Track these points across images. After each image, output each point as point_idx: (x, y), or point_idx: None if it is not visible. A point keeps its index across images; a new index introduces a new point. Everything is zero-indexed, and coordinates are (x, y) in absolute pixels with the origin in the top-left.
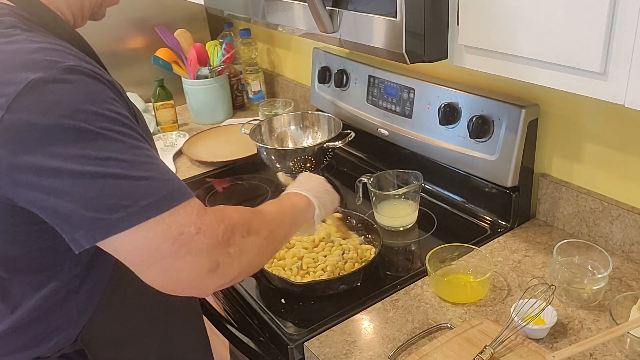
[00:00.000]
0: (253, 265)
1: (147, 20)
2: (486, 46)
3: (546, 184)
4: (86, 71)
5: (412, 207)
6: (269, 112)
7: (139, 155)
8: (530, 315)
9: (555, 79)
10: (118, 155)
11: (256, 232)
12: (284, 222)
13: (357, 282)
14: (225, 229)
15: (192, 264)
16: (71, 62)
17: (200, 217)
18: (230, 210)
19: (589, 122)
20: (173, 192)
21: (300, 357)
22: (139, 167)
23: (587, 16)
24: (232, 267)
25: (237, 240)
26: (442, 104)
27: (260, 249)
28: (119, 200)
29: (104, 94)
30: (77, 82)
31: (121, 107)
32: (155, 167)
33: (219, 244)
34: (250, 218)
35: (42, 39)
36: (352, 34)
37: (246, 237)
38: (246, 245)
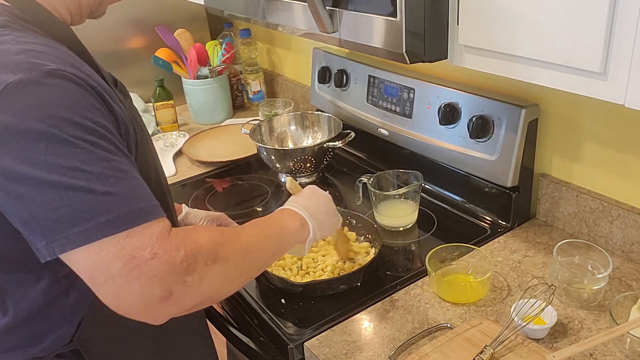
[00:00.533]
0: (217, 295)
1: (147, 20)
2: (486, 46)
3: (546, 184)
4: (68, 76)
5: (412, 207)
6: (269, 112)
7: (106, 169)
8: (530, 315)
9: (555, 79)
10: (85, 167)
11: (224, 260)
12: (265, 247)
13: (357, 282)
14: (186, 256)
15: (141, 289)
16: (53, 66)
17: (159, 241)
18: (198, 234)
19: (589, 122)
20: (135, 211)
21: (300, 357)
22: (104, 181)
23: (587, 16)
24: (188, 296)
25: (199, 268)
26: (442, 104)
27: (227, 277)
28: (79, 214)
29: (82, 101)
30: (55, 86)
31: (101, 115)
32: (122, 183)
33: (174, 272)
34: (220, 243)
35: (31, 40)
36: (352, 34)
37: (210, 266)
38: (209, 273)
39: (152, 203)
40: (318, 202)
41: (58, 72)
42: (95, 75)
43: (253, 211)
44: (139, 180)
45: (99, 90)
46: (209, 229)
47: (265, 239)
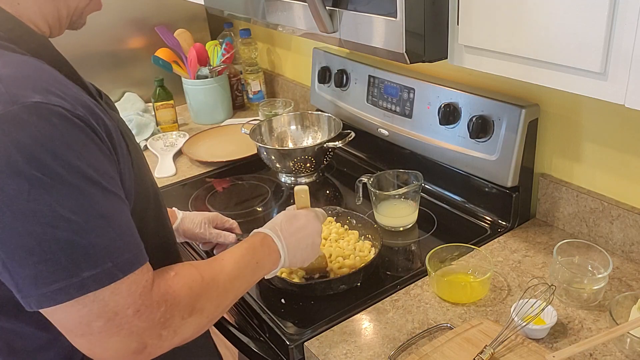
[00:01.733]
0: (185, 342)
1: (147, 20)
2: (486, 46)
3: (546, 184)
4: (54, 109)
5: (412, 207)
6: (269, 112)
7: (92, 216)
8: (530, 315)
9: (555, 79)
10: (70, 215)
11: (200, 311)
12: (238, 289)
13: (357, 282)
14: (165, 312)
15: (118, 343)
16: (37, 98)
17: (142, 297)
18: (179, 284)
19: (589, 122)
20: (119, 264)
21: (300, 357)
22: (90, 231)
23: (587, 16)
24: (161, 348)
25: (175, 323)
26: (442, 104)
27: (199, 327)
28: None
29: (69, 139)
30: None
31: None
32: (108, 230)
33: (152, 327)
34: (198, 293)
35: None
36: (352, 34)
37: (186, 319)
38: (183, 327)
39: (136, 250)
40: (305, 237)
41: (42, 105)
42: (80, 93)
43: (253, 211)
44: (124, 225)
45: (87, 120)
46: (190, 274)
47: (240, 281)
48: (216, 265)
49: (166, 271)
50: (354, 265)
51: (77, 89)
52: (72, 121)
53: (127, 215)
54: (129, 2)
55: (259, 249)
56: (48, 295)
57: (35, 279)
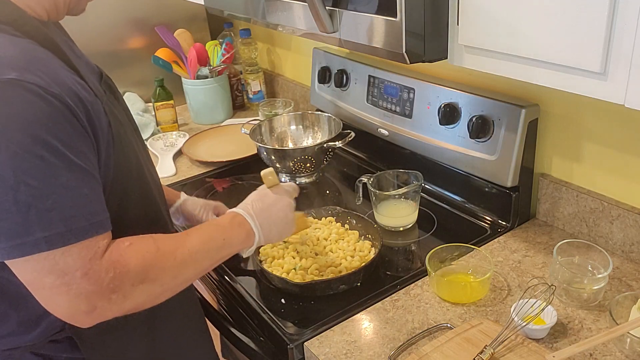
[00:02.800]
0: (141, 308)
1: (147, 20)
2: (486, 46)
3: (546, 184)
4: (28, 86)
5: (412, 207)
6: (269, 112)
7: (52, 185)
8: (530, 315)
9: (555, 79)
10: (31, 182)
11: (152, 280)
12: (199, 263)
13: (357, 282)
14: (114, 277)
15: (68, 302)
16: (13, 75)
17: (92, 261)
18: (131, 253)
19: (589, 122)
20: (73, 230)
21: (300, 357)
22: (47, 197)
23: (587, 16)
24: (111, 311)
25: (124, 288)
26: (442, 104)
27: (151, 295)
28: (17, 228)
29: (37, 114)
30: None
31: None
32: (65, 199)
33: (100, 291)
34: (151, 264)
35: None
36: (352, 34)
37: (137, 286)
38: (134, 293)
39: (94, 220)
40: (277, 212)
41: (16, 81)
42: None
43: None
44: (87, 196)
45: (62, 98)
46: (145, 245)
47: (203, 254)
48: (178, 239)
49: (122, 241)
50: (354, 265)
51: (63, 70)
52: (44, 97)
53: (92, 188)
54: (129, 2)
55: (228, 226)
56: (5, 249)
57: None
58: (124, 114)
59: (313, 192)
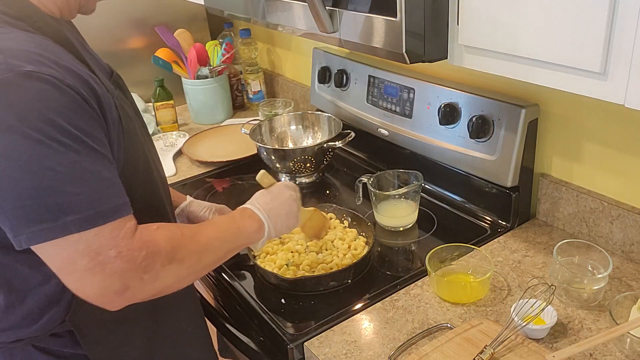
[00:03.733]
0: (169, 290)
1: (147, 20)
2: (486, 46)
3: (546, 184)
4: (44, 77)
5: (412, 207)
6: (269, 112)
7: (76, 170)
8: (530, 315)
9: (555, 79)
10: (56, 167)
11: (180, 261)
12: (220, 248)
13: (347, 280)
14: (146, 256)
15: (102, 282)
16: (30, 67)
17: (124, 240)
18: (160, 235)
19: (589, 122)
20: (101, 212)
21: (300, 357)
22: (73, 182)
23: (587, 16)
24: (142, 291)
25: (156, 268)
26: (442, 104)
27: (179, 277)
28: (46, 212)
29: (55, 102)
30: (30, 88)
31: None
32: (90, 183)
33: (134, 270)
34: (179, 245)
35: (13, 36)
36: (352, 34)
37: (166, 266)
38: (164, 273)
39: (119, 202)
40: (281, 205)
41: (34, 73)
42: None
43: None
44: (109, 180)
45: (77, 89)
46: (171, 228)
47: (221, 242)
48: (196, 228)
49: (150, 225)
50: (345, 263)
51: (76, 63)
52: (60, 88)
53: (113, 172)
54: (129, 2)
55: (239, 218)
56: (35, 233)
57: (25, 220)
58: (133, 111)
59: (313, 192)
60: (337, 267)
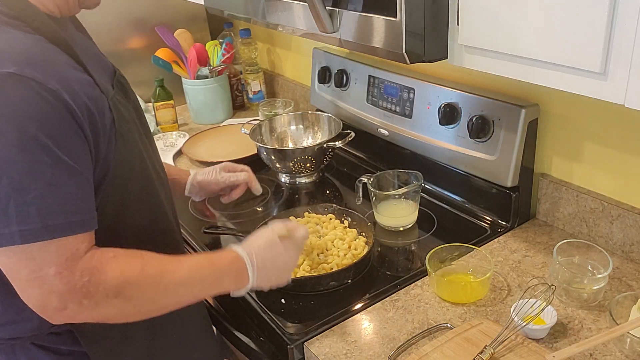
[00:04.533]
0: (113, 321)
1: (147, 20)
2: (486, 46)
3: (546, 184)
4: (25, 80)
5: (412, 207)
6: (269, 112)
7: (35, 180)
8: (530, 315)
9: (555, 79)
10: (13, 175)
11: (127, 298)
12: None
13: (347, 280)
14: (88, 283)
15: (41, 296)
16: (12, 69)
17: (68, 261)
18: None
19: (589, 122)
20: (50, 226)
21: (300, 357)
22: (28, 192)
23: (587, 16)
24: (82, 314)
25: (97, 297)
26: (442, 104)
27: (123, 312)
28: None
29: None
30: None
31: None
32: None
33: (72, 292)
34: (131, 282)
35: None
36: (352, 34)
37: (111, 299)
38: (106, 304)
39: (74, 219)
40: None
41: (14, 75)
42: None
43: (253, 211)
44: (70, 195)
45: (58, 94)
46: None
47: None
48: (168, 265)
49: (107, 251)
50: (345, 263)
51: (69, 66)
52: (39, 93)
53: (79, 186)
54: (129, 2)
55: (225, 268)
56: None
57: None
58: (133, 112)
59: (313, 192)
60: (337, 267)
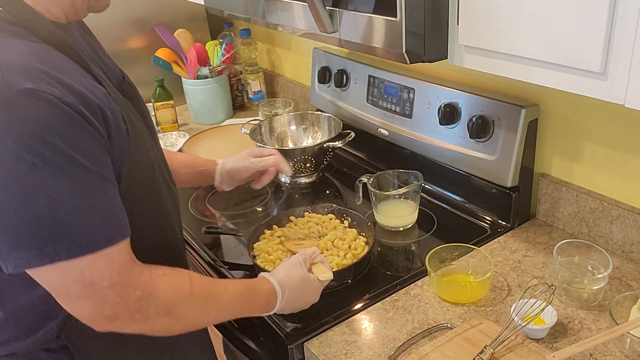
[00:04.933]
0: (156, 334)
1: (147, 20)
2: (486, 46)
3: (546, 184)
4: (44, 96)
5: (412, 207)
6: (269, 112)
7: (71, 194)
8: (530, 315)
9: (555, 79)
10: (50, 192)
11: (177, 318)
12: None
13: (347, 280)
14: (140, 298)
15: (94, 307)
16: (29, 85)
17: (119, 274)
18: (163, 283)
19: (589, 122)
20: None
21: (300, 357)
22: (66, 208)
23: (587, 16)
24: (131, 326)
25: (148, 313)
26: (442, 104)
27: (171, 329)
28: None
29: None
30: (28, 107)
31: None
32: (84, 210)
33: (126, 305)
34: (180, 302)
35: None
36: (352, 34)
37: (161, 317)
38: (156, 321)
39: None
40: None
41: (33, 91)
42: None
43: (253, 211)
44: (105, 204)
45: (77, 107)
46: (180, 281)
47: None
48: (213, 288)
49: (156, 268)
50: (345, 263)
51: (79, 75)
52: (59, 107)
53: (110, 195)
54: (129, 2)
55: (261, 299)
56: (24, 259)
57: (14, 244)
58: (142, 120)
59: (313, 192)
60: (337, 267)
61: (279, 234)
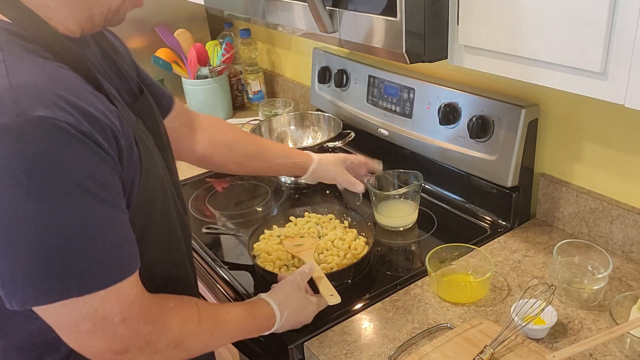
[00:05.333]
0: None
1: (147, 20)
2: (486, 46)
3: (546, 184)
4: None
5: (412, 207)
6: (269, 112)
7: (83, 227)
8: (530, 315)
9: (555, 79)
10: (63, 225)
11: (185, 349)
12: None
13: (347, 280)
14: (151, 332)
15: (103, 343)
16: (43, 112)
17: (130, 308)
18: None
19: (589, 122)
20: (106, 274)
21: (300, 357)
22: (81, 241)
23: (587, 16)
24: (137, 359)
25: (159, 346)
26: (442, 104)
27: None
28: (51, 272)
29: (69, 153)
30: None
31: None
32: (97, 242)
33: (136, 339)
34: (189, 335)
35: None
36: (352, 34)
37: (171, 349)
38: (165, 353)
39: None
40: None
41: (46, 119)
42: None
43: (253, 211)
44: (119, 233)
45: (90, 134)
46: (188, 312)
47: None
48: (220, 316)
49: (164, 298)
50: (345, 263)
51: (94, 97)
52: (74, 136)
53: (122, 225)
54: None
55: (261, 322)
56: (32, 296)
57: (23, 280)
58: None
59: (313, 192)
60: (337, 267)
61: (278, 234)
